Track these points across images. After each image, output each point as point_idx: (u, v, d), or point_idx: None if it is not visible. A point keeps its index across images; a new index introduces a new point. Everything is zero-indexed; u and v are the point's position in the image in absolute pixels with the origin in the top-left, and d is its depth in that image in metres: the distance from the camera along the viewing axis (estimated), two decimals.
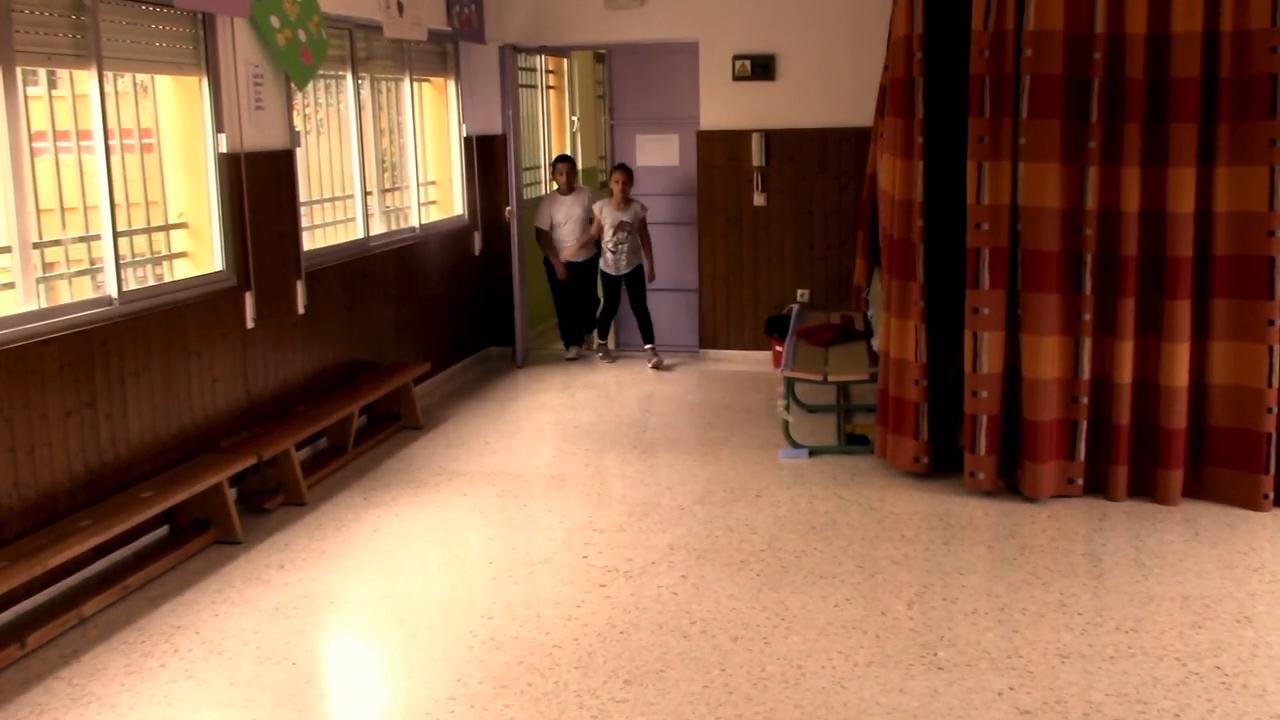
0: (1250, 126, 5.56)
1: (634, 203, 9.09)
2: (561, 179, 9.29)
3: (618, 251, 9.05)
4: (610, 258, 9.12)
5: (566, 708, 3.99)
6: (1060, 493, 5.96)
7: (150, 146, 5.93)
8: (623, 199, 9.03)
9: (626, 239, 9.03)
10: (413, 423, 7.60)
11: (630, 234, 9.03)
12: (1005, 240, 5.84)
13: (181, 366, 5.74)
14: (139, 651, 4.50)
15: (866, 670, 4.20)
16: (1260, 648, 4.33)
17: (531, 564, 5.30)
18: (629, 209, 9.06)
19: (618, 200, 9.04)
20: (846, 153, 8.96)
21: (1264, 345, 5.63)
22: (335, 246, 7.40)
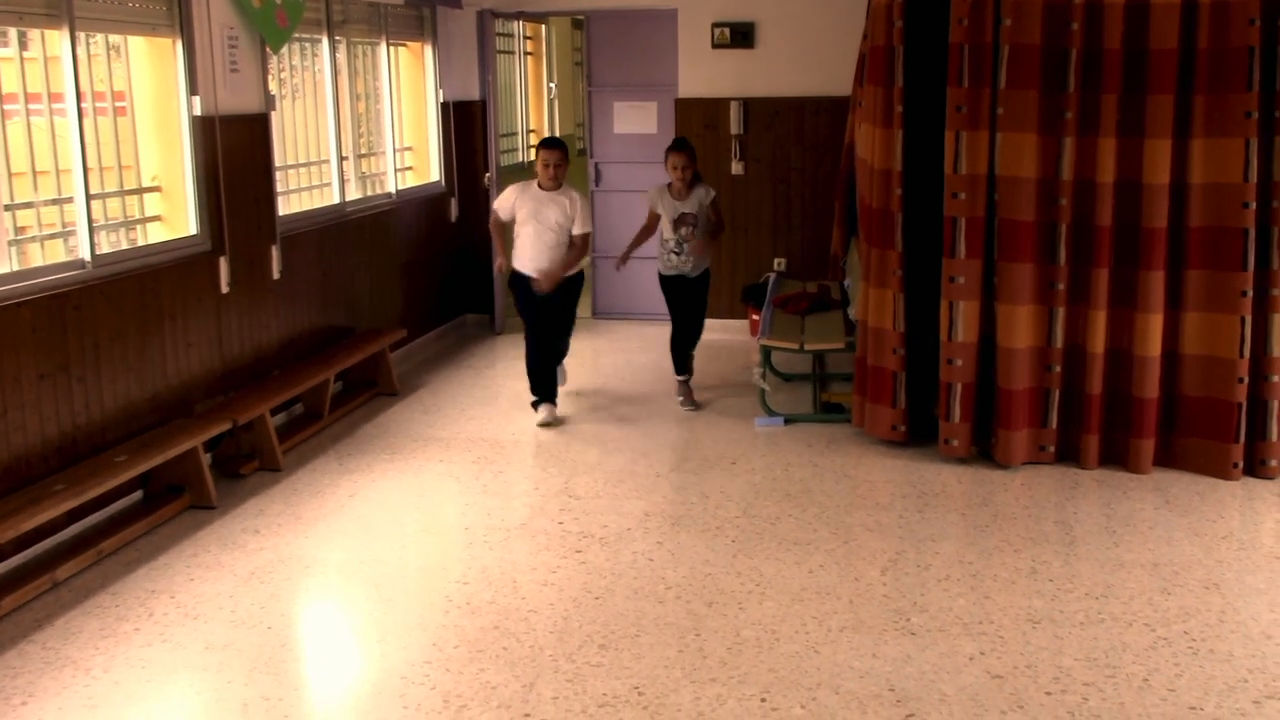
0: (1226, 98, 5.59)
1: (699, 186, 7.13)
2: (548, 171, 6.75)
3: (682, 250, 7.13)
4: (674, 259, 7.16)
5: (542, 672, 4.01)
6: (1032, 460, 6.01)
7: (123, 109, 5.87)
8: (684, 186, 7.08)
9: (692, 234, 7.10)
10: (389, 389, 7.59)
11: (696, 227, 7.10)
12: (982, 210, 5.86)
13: (155, 331, 5.70)
14: (113, 615, 4.49)
15: (840, 635, 4.23)
16: (1227, 613, 4.39)
17: (507, 530, 5.31)
18: (692, 196, 7.09)
19: (679, 188, 7.09)
20: (824, 122, 8.95)
21: (1236, 316, 5.67)
22: (310, 212, 7.35)
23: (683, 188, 7.08)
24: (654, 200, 7.16)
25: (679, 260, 7.14)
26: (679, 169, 7.04)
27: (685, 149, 7.08)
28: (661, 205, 7.13)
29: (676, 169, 7.05)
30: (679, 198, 7.08)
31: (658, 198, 7.14)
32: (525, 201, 6.82)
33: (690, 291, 7.26)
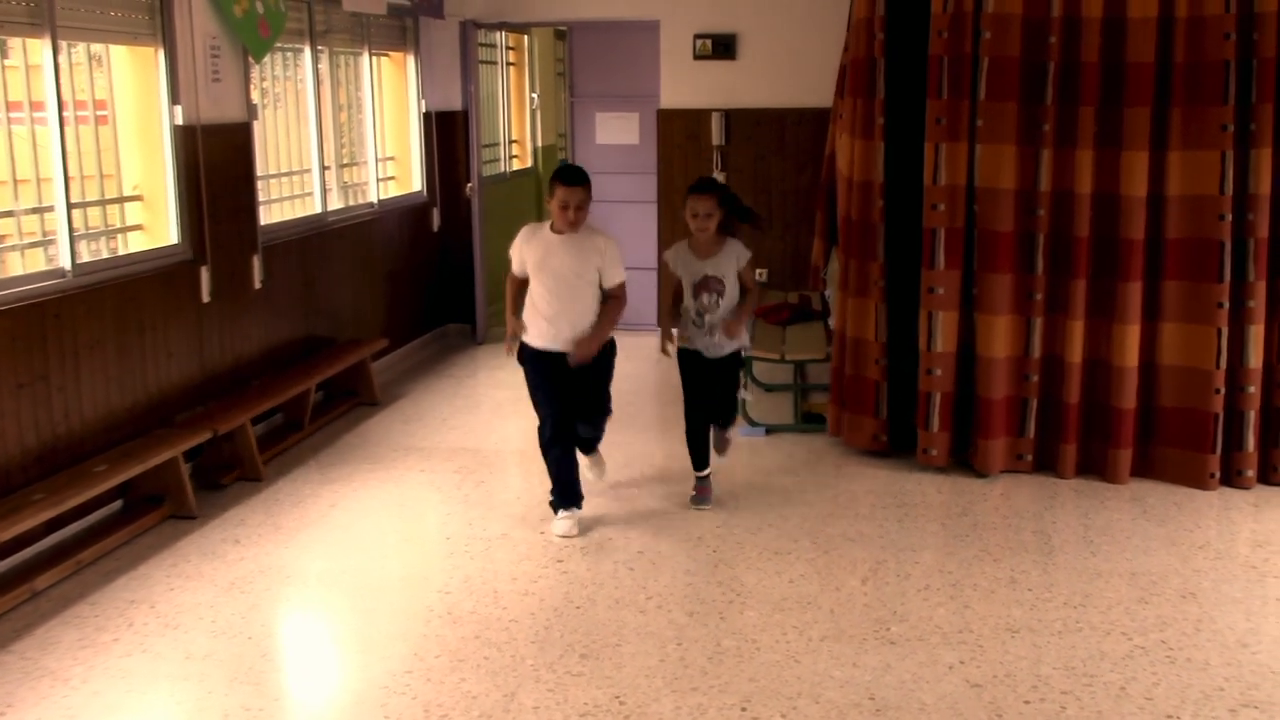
0: (1203, 111, 5.64)
1: (730, 242, 5.46)
2: (566, 214, 5.16)
3: (703, 323, 5.44)
4: (696, 333, 5.49)
5: (523, 681, 4.02)
6: (1010, 469, 6.04)
7: (105, 118, 5.86)
8: (713, 238, 5.44)
9: (717, 304, 5.42)
10: (370, 399, 7.58)
11: (723, 295, 5.43)
12: (961, 221, 5.90)
13: (136, 340, 5.69)
14: (92, 625, 4.47)
15: (820, 645, 4.25)
16: (1204, 622, 4.42)
17: (488, 539, 5.31)
18: (721, 254, 5.42)
19: (704, 241, 5.44)
20: (805, 133, 8.99)
21: (1213, 327, 5.72)
22: (292, 221, 7.35)
23: (708, 242, 5.42)
24: (672, 260, 5.55)
25: (700, 336, 5.49)
26: (700, 216, 5.36)
27: (710, 191, 5.39)
28: (679, 264, 5.49)
29: (697, 216, 5.36)
30: (702, 255, 5.43)
31: (675, 256, 5.53)
32: (536, 247, 5.24)
33: (713, 374, 5.59)
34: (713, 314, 5.43)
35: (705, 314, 5.44)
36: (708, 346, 5.50)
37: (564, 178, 5.17)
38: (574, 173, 5.22)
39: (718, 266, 5.41)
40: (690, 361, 5.57)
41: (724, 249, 5.42)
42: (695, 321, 5.48)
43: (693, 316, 5.50)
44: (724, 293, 5.41)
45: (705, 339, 5.48)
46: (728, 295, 5.42)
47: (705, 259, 5.43)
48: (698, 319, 5.48)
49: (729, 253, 5.43)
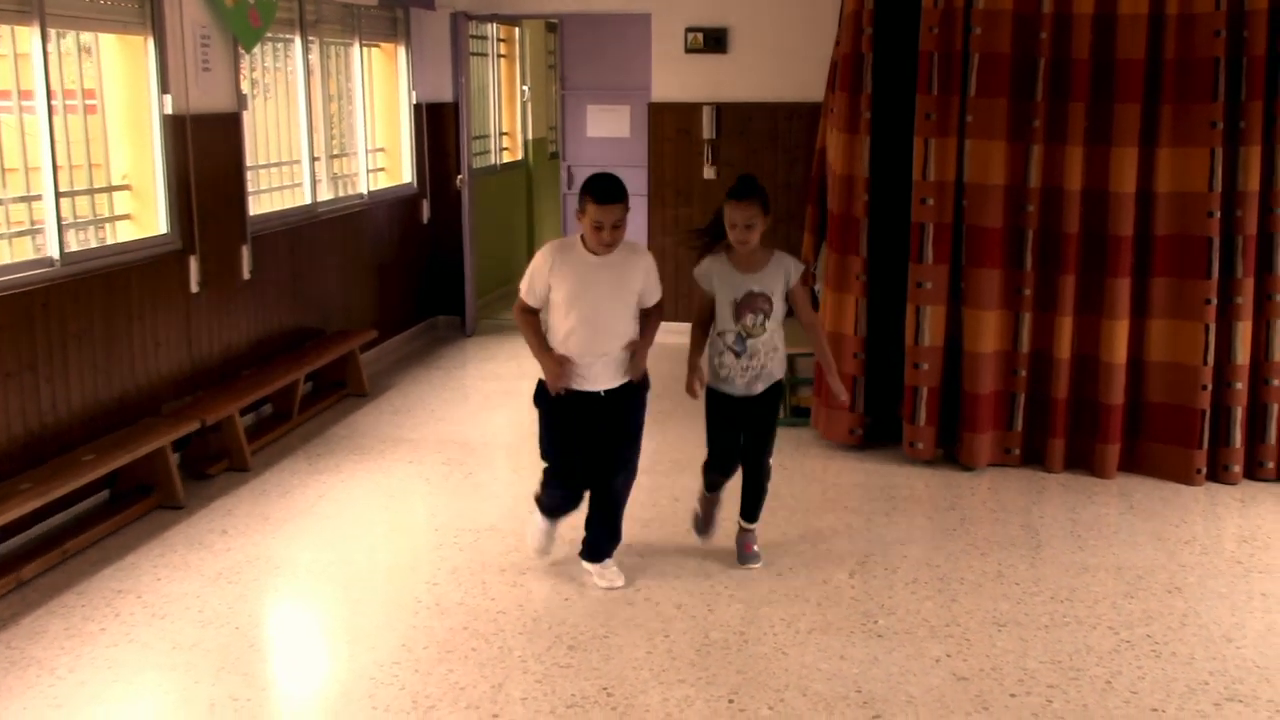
0: (1192, 108, 5.66)
1: (777, 253, 4.67)
2: (600, 235, 4.37)
3: (744, 350, 4.59)
4: (730, 365, 4.63)
5: (511, 673, 4.02)
6: (997, 462, 6.06)
7: (94, 107, 5.84)
8: (757, 251, 4.62)
9: (763, 326, 4.60)
10: (359, 390, 7.57)
11: (770, 316, 4.61)
12: (950, 216, 5.91)
13: (124, 330, 5.67)
14: (79, 615, 4.46)
15: (808, 637, 4.26)
16: (1190, 617, 4.44)
17: (477, 531, 5.31)
18: (770, 267, 4.62)
19: (747, 254, 4.61)
20: (797, 127, 8.99)
21: (1200, 324, 5.74)
22: (282, 212, 7.33)
23: (753, 254, 4.61)
24: (704, 275, 4.67)
25: (738, 368, 4.62)
26: (739, 227, 4.51)
27: (753, 195, 4.52)
28: (717, 280, 4.63)
29: (735, 227, 4.52)
30: (745, 268, 4.61)
31: (711, 271, 4.65)
32: (567, 273, 4.44)
33: (749, 415, 4.73)
34: (757, 338, 4.60)
35: (749, 337, 4.60)
36: (748, 380, 4.64)
37: (597, 194, 4.30)
38: (609, 188, 4.32)
39: (764, 282, 4.59)
40: (721, 405, 4.72)
41: (771, 261, 4.62)
42: (734, 348, 4.60)
43: (730, 343, 4.60)
44: (770, 313, 4.60)
45: (744, 372, 4.62)
46: (774, 316, 4.61)
47: (749, 273, 4.60)
48: (738, 344, 4.59)
49: (777, 266, 4.62)
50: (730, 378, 4.66)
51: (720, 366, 4.67)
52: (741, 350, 4.62)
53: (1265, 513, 5.54)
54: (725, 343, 4.64)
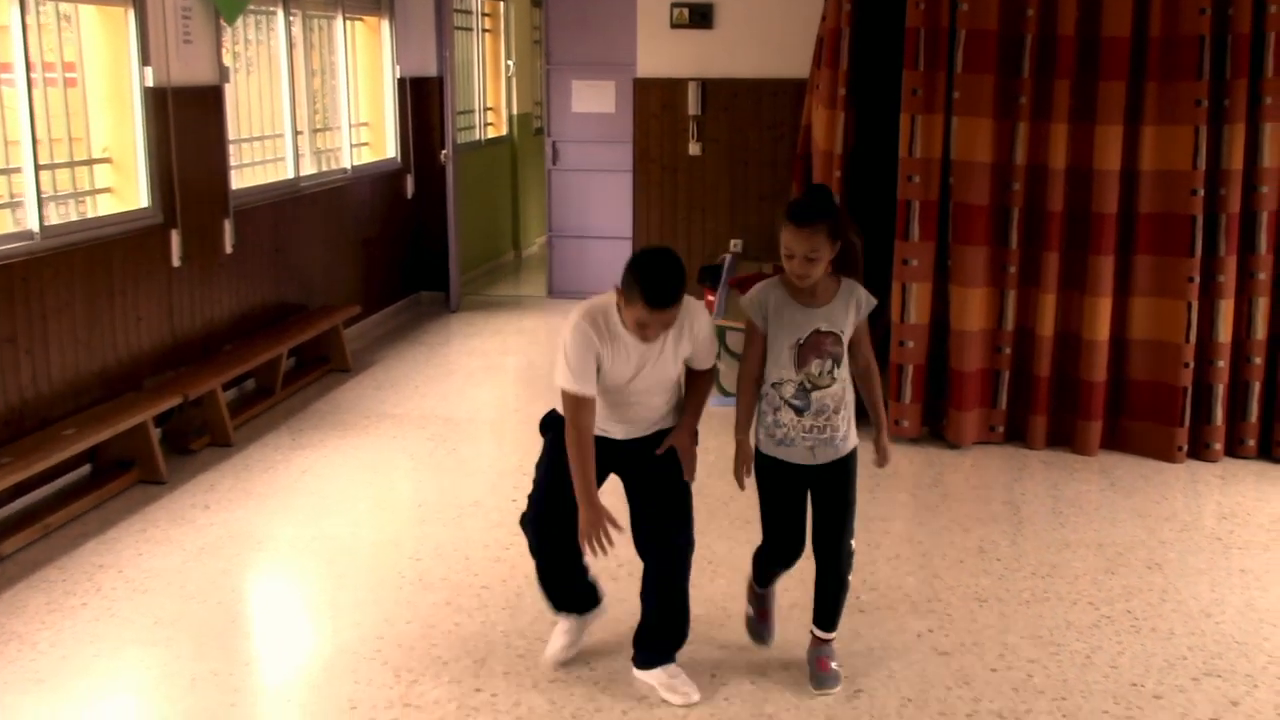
0: (1177, 86, 5.66)
1: (846, 285, 3.62)
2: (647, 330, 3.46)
3: (811, 406, 3.59)
4: (793, 422, 3.62)
5: (494, 648, 4.02)
6: (982, 440, 6.08)
7: (74, 80, 5.78)
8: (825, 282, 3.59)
9: (832, 375, 3.59)
10: (342, 365, 7.55)
11: (840, 365, 3.61)
12: (936, 193, 5.91)
13: (105, 304, 5.63)
14: (60, 590, 4.45)
15: (790, 613, 4.27)
16: (1169, 593, 4.47)
17: (461, 506, 5.30)
18: (837, 300, 3.60)
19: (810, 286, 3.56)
20: (783, 103, 8.96)
21: (1183, 302, 5.76)
22: (264, 186, 7.29)
23: (818, 286, 3.57)
24: (756, 306, 3.63)
25: (800, 429, 3.61)
26: (798, 258, 3.48)
27: (818, 219, 3.47)
28: (772, 315, 3.60)
29: (793, 257, 3.50)
30: (808, 301, 3.58)
31: (765, 301, 3.61)
32: (615, 355, 3.53)
33: (820, 488, 3.71)
34: (825, 389, 3.57)
35: (814, 389, 3.57)
36: (814, 445, 3.61)
37: (651, 298, 3.35)
38: (667, 287, 3.36)
39: (833, 317, 3.57)
40: (780, 477, 3.70)
41: (841, 290, 3.59)
42: (795, 402, 3.58)
43: (789, 396, 3.59)
44: (841, 359, 3.59)
45: (807, 434, 3.60)
46: (843, 364, 3.60)
47: (814, 306, 3.57)
48: (799, 398, 3.58)
49: (848, 296, 3.59)
50: (790, 440, 3.62)
51: (776, 426, 3.63)
52: (805, 406, 3.58)
53: (1245, 490, 5.57)
54: (783, 396, 3.60)
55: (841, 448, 3.64)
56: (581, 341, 3.47)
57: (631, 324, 3.45)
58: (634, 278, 3.38)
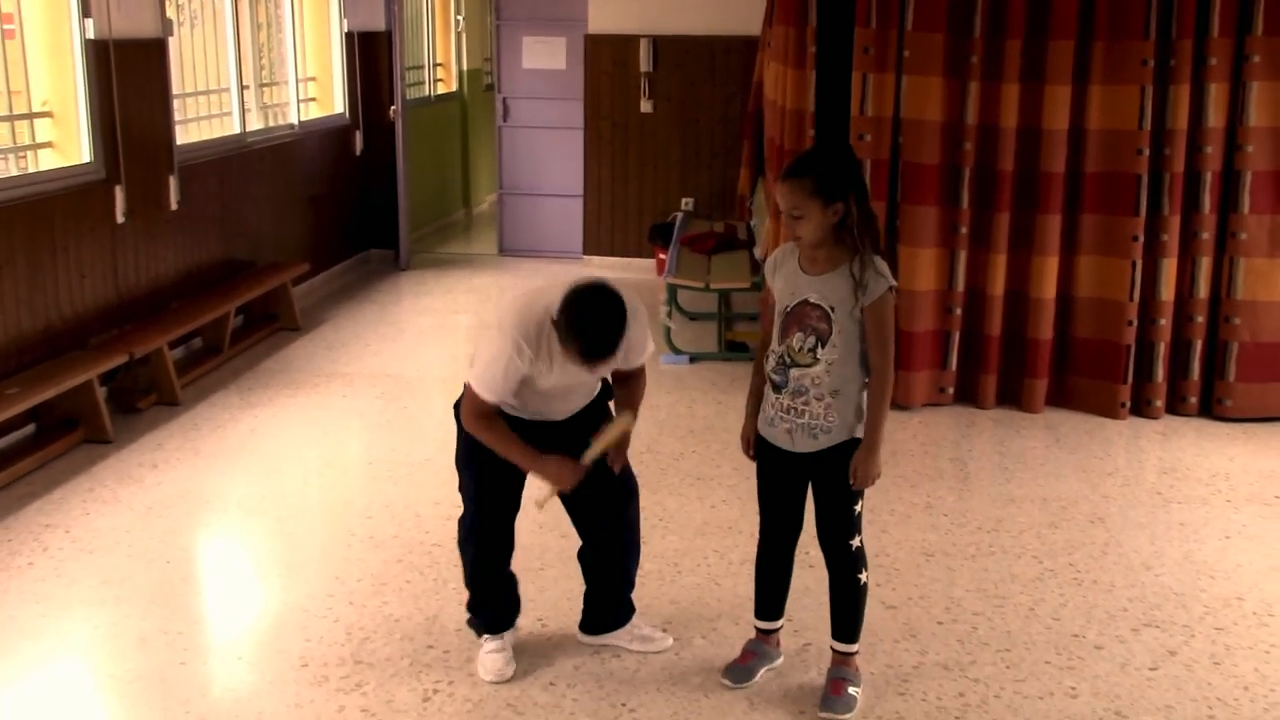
0: (1124, 45, 5.70)
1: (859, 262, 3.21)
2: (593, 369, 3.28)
3: (789, 384, 3.31)
4: (773, 400, 3.38)
5: (446, 604, 4.03)
6: (932, 401, 6.14)
7: (11, 32, 5.65)
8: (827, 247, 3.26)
9: (814, 355, 3.26)
10: (291, 324, 7.48)
11: (826, 345, 3.25)
12: (886, 153, 5.92)
13: (48, 261, 5.54)
14: (5, 550, 4.40)
15: (741, 568, 4.31)
16: (1110, 546, 4.56)
17: (411, 465, 5.30)
18: (835, 271, 3.25)
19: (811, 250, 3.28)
20: (734, 61, 8.94)
21: (1127, 260, 5.84)
22: (210, 141, 7.18)
23: (820, 249, 3.27)
24: (770, 268, 3.45)
25: (779, 408, 3.36)
26: (785, 214, 3.27)
27: (801, 174, 3.22)
28: (779, 278, 3.39)
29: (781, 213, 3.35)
30: (809, 267, 3.31)
31: (778, 263, 3.42)
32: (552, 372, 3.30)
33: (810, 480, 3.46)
34: (805, 369, 3.28)
35: (792, 366, 3.30)
36: (791, 430, 3.35)
37: (589, 351, 3.14)
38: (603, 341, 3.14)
39: (824, 290, 3.26)
40: (765, 457, 3.49)
41: (844, 266, 3.24)
42: (775, 377, 3.35)
43: (771, 368, 3.36)
44: (827, 339, 3.25)
45: (785, 415, 3.35)
46: (836, 344, 3.24)
47: (810, 274, 3.30)
48: (778, 373, 3.33)
49: (848, 273, 3.23)
50: (771, 419, 3.39)
51: (765, 402, 3.43)
52: (783, 383, 3.32)
53: (1186, 446, 5.68)
54: (768, 367, 3.38)
55: (823, 439, 3.30)
56: (510, 362, 3.23)
57: (575, 364, 3.21)
58: (570, 329, 3.11)
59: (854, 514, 3.42)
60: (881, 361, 3.26)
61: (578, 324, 3.11)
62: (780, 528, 3.57)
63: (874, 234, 3.26)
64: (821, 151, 3.40)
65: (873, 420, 3.29)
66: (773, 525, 3.59)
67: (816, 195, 3.17)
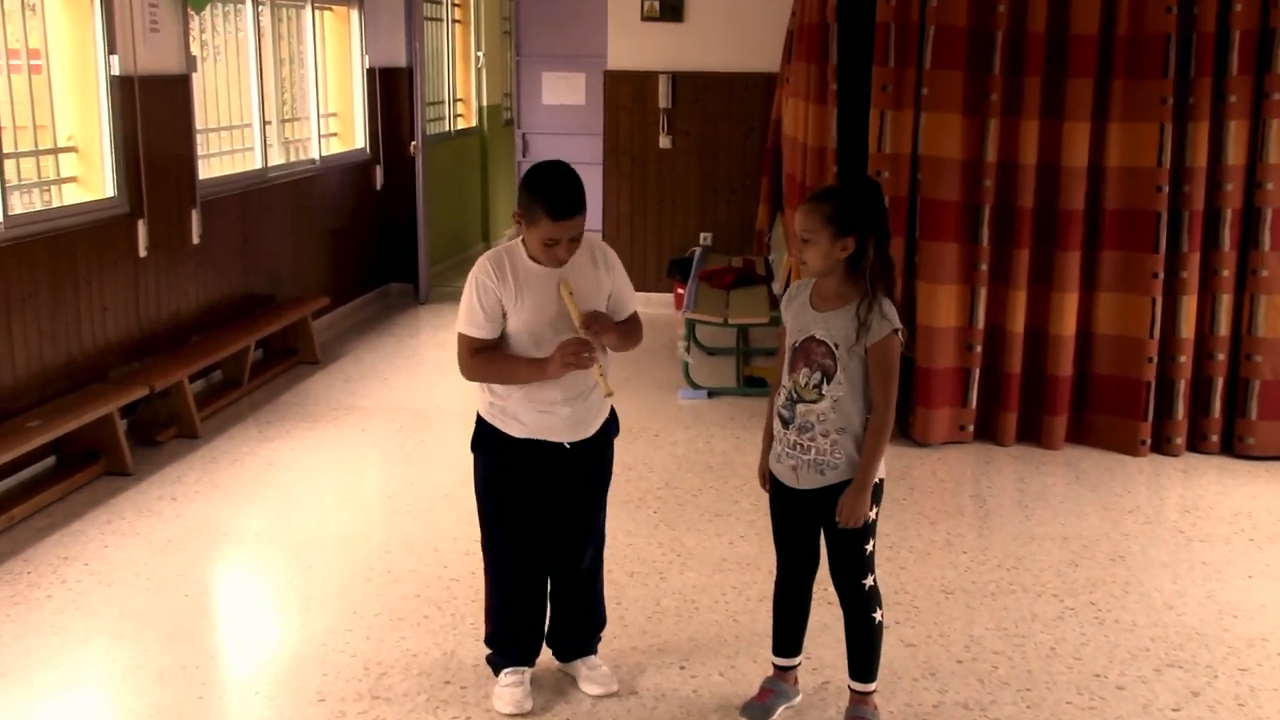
0: (1143, 84, 5.70)
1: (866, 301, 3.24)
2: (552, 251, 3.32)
3: (795, 419, 3.32)
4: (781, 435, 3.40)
5: (463, 639, 4.02)
6: (951, 439, 6.11)
7: (39, 67, 5.73)
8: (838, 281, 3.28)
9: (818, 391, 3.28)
10: (310, 357, 7.51)
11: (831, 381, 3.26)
12: (905, 189, 5.93)
13: (71, 295, 5.58)
14: (25, 582, 4.41)
15: (759, 605, 4.29)
16: (1132, 585, 4.52)
17: (430, 499, 5.30)
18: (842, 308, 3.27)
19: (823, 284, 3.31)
20: (753, 97, 8.98)
21: (1147, 297, 5.82)
22: (232, 176, 7.24)
23: (829, 283, 3.29)
24: (785, 304, 3.47)
25: (785, 443, 3.37)
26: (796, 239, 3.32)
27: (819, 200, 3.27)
28: (788, 310, 3.42)
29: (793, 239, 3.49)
30: (820, 303, 3.32)
31: (789, 296, 3.47)
32: (521, 290, 3.37)
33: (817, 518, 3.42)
34: (810, 405, 3.28)
35: (798, 401, 3.31)
36: (796, 466, 3.35)
37: (553, 207, 3.24)
38: (568, 196, 3.26)
39: (831, 328, 3.26)
40: (776, 492, 3.49)
41: (851, 303, 3.25)
42: (783, 412, 3.37)
43: (780, 404, 3.39)
44: (832, 375, 3.25)
45: (791, 451, 3.35)
46: (840, 382, 3.25)
47: (819, 309, 3.31)
48: (786, 408, 3.35)
49: (854, 310, 3.23)
50: (779, 455, 3.41)
51: (775, 437, 3.44)
52: (790, 418, 3.33)
53: (1207, 484, 5.64)
54: (777, 402, 3.40)
55: (829, 475, 3.30)
56: (479, 279, 3.36)
57: (538, 247, 3.31)
58: (532, 193, 3.27)
59: (865, 553, 3.41)
60: (883, 402, 3.26)
61: (539, 185, 3.27)
62: (797, 564, 3.56)
63: (888, 279, 3.27)
64: (849, 186, 3.42)
65: (865, 459, 3.28)
66: (789, 561, 3.58)
67: (829, 224, 3.20)
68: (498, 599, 3.68)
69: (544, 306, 3.37)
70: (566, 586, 3.72)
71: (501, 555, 3.63)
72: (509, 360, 3.41)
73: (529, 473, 3.52)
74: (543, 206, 3.25)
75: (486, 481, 3.60)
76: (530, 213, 3.27)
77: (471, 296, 3.37)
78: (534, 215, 3.27)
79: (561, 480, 3.55)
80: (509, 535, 3.60)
